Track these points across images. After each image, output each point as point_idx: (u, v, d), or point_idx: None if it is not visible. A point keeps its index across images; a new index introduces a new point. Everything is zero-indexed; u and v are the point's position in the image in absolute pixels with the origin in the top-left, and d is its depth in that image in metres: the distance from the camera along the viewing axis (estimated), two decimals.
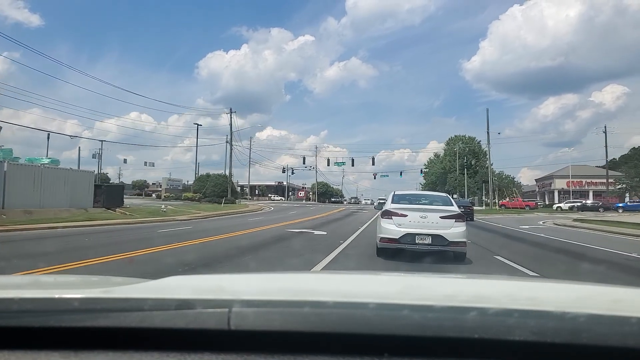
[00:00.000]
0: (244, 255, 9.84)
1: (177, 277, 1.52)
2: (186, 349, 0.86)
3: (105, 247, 10.41)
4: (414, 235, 8.35)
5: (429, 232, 8.34)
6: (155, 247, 10.38)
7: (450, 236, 8.35)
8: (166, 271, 6.40)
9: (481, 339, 0.82)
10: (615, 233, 19.36)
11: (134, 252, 9.17)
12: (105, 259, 8.31)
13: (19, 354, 0.88)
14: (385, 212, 8.96)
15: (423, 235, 8.34)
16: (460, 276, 2.93)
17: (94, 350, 0.88)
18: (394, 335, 0.85)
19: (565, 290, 1.52)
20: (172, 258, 8.60)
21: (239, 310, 0.88)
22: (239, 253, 10.09)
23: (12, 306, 0.94)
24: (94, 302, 1.01)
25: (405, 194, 10.52)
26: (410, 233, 8.37)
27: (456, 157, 75.05)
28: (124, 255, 8.72)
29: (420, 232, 8.35)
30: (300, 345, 0.86)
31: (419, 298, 1.14)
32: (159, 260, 8.48)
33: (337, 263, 8.62)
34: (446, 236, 8.32)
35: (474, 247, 11.34)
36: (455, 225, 8.49)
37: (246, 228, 17.01)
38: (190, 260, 8.35)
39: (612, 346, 0.80)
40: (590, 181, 73.66)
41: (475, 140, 79.78)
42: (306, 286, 1.50)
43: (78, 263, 7.60)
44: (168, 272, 5.01)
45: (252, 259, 9.26)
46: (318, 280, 1.83)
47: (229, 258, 9.14)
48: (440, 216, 8.54)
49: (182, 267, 7.54)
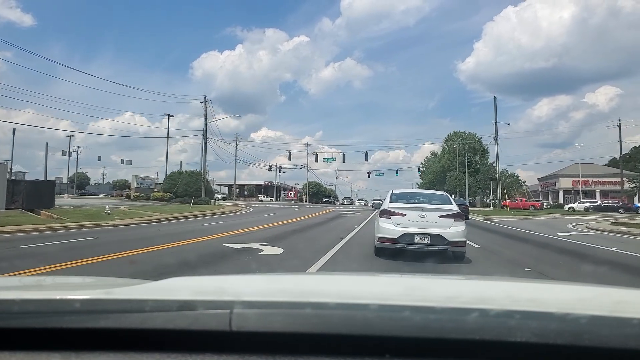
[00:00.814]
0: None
1: (178, 279, 1.52)
2: (187, 350, 0.86)
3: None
4: (412, 235, 8.24)
5: (428, 232, 8.24)
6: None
7: (449, 236, 8.22)
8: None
9: (482, 340, 0.82)
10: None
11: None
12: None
13: (21, 355, 0.88)
14: (384, 211, 8.84)
15: (422, 234, 8.23)
16: (461, 277, 3.00)
17: (95, 352, 0.87)
18: (395, 336, 0.85)
19: (566, 292, 1.53)
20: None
21: (241, 312, 0.88)
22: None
23: (13, 307, 0.95)
24: (95, 303, 1.01)
25: (404, 192, 10.33)
26: (409, 233, 8.26)
27: (456, 154, 69.92)
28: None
29: (419, 232, 8.25)
30: (302, 347, 0.86)
31: (420, 299, 1.13)
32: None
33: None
34: (445, 236, 8.20)
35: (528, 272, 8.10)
36: (455, 225, 8.37)
37: (179, 239, 12.37)
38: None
39: (614, 348, 0.80)
40: (597, 180, 69.48)
41: (475, 136, 74.64)
42: (307, 287, 1.50)
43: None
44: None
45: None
46: (319, 281, 1.83)
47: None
48: (440, 215, 8.40)
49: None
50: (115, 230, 15.52)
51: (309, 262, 8.26)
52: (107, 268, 7.50)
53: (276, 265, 8.27)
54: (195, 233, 14.28)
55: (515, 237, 16.52)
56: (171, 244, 10.97)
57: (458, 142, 72.75)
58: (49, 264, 7.65)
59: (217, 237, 13.14)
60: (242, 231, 15.53)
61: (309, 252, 10.08)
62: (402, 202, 8.92)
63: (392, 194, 9.53)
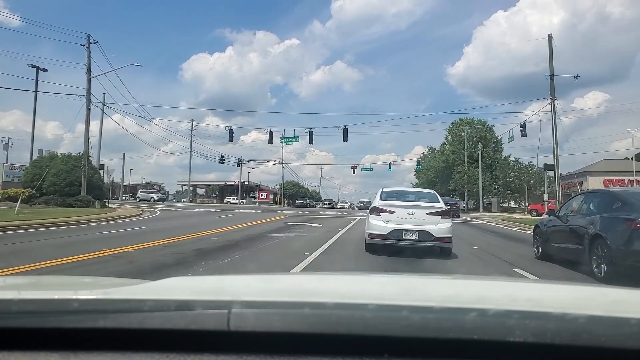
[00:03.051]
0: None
1: (176, 278, 1.53)
2: (186, 350, 0.86)
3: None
4: (401, 231, 8.51)
5: (416, 228, 8.51)
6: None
7: (436, 232, 8.51)
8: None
9: (481, 340, 0.82)
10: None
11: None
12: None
13: (18, 354, 0.87)
14: (374, 208, 9.08)
15: (410, 231, 8.51)
16: (459, 277, 2.96)
17: (94, 351, 0.87)
18: (393, 336, 0.85)
19: (565, 292, 1.53)
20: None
21: (239, 311, 0.88)
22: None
23: (11, 307, 0.94)
24: (93, 303, 1.01)
25: (394, 190, 10.46)
26: (397, 229, 8.53)
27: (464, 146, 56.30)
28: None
29: (407, 228, 8.53)
30: (300, 346, 0.85)
31: (419, 299, 1.13)
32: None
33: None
34: (432, 232, 8.49)
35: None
36: (442, 222, 8.67)
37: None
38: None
39: (612, 347, 0.80)
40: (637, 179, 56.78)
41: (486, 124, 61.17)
42: (306, 287, 1.50)
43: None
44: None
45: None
46: (318, 281, 1.82)
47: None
48: (427, 212, 8.73)
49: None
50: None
51: None
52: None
53: None
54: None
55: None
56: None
57: (466, 130, 59.12)
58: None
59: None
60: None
61: None
62: (391, 200, 9.26)
63: (382, 192, 9.84)
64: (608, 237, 6.38)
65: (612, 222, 6.57)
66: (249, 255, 9.07)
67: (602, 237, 6.47)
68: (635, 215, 6.13)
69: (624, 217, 6.34)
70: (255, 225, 18.34)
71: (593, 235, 6.74)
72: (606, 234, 6.44)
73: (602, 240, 6.48)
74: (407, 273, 5.69)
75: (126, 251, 8.95)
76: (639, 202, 6.54)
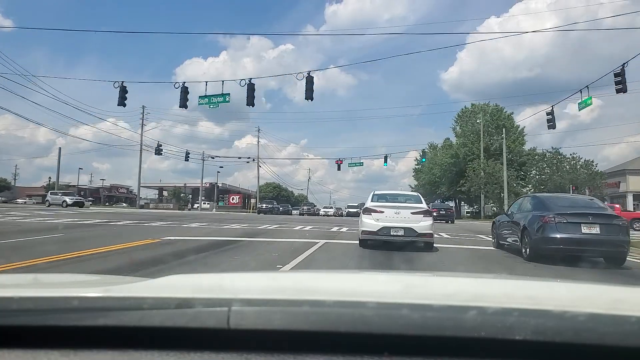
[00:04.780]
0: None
1: (176, 276, 1.52)
2: (186, 348, 0.86)
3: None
4: (389, 228, 10.05)
5: (402, 226, 10.04)
6: None
7: (419, 229, 10.05)
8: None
9: (481, 338, 0.82)
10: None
11: None
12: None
13: (18, 352, 0.87)
14: (366, 209, 10.68)
15: (397, 228, 10.04)
16: (459, 275, 2.98)
17: (94, 349, 0.87)
18: (393, 334, 0.85)
19: (565, 289, 1.53)
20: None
21: (239, 309, 0.88)
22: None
23: (11, 305, 0.94)
24: (93, 301, 1.00)
25: (384, 193, 11.97)
26: (386, 226, 10.08)
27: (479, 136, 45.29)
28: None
29: (395, 226, 10.06)
30: (300, 344, 0.85)
31: (419, 297, 1.13)
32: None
33: None
34: (416, 229, 10.03)
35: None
36: (424, 220, 10.25)
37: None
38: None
39: (612, 345, 0.80)
40: None
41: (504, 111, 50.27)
42: (306, 285, 1.49)
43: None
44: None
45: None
46: (317, 279, 1.82)
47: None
48: (411, 212, 10.27)
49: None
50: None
51: None
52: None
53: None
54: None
55: None
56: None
57: (482, 116, 48.13)
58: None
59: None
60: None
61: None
62: (381, 202, 10.85)
63: (373, 194, 11.35)
64: (529, 228, 9.34)
65: (533, 218, 9.46)
66: None
67: (527, 229, 9.40)
68: (546, 213, 9.02)
69: (539, 214, 9.27)
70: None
71: (522, 227, 9.70)
72: (529, 226, 9.36)
73: (527, 230, 9.44)
74: (407, 271, 6.10)
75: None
76: (553, 204, 9.58)
